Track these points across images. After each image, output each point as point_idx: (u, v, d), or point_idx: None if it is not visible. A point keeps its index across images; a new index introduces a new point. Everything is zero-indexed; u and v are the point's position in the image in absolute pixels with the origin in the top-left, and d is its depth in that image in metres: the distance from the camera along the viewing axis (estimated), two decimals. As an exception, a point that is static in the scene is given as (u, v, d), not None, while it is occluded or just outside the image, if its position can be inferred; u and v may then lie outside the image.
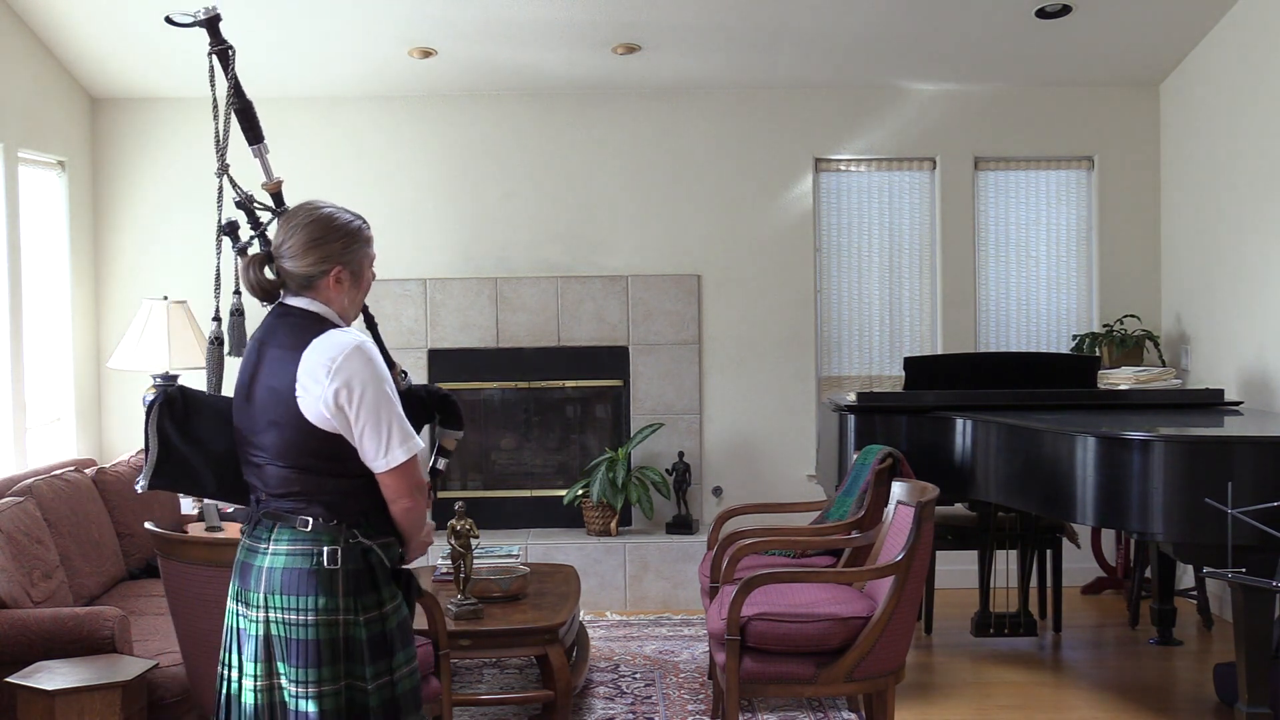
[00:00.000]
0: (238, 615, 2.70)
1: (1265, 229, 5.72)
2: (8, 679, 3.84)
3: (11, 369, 5.67)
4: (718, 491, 6.85)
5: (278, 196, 3.13)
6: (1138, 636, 5.93)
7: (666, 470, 6.67)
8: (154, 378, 6.33)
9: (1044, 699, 5.06)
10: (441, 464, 3.08)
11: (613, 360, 6.80)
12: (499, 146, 6.82)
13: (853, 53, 6.45)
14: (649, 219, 6.86)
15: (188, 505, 6.10)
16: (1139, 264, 6.89)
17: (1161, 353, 6.68)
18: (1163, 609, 5.73)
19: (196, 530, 5.29)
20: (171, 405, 2.78)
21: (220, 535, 5.09)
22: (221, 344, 3.03)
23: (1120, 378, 6.11)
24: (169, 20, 3.13)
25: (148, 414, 2.76)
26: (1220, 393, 5.58)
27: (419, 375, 6.68)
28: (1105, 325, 6.73)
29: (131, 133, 6.73)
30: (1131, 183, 6.90)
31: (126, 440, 6.66)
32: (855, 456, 5.12)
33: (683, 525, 6.59)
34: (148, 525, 3.89)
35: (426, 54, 6.29)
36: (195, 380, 6.55)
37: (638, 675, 5.33)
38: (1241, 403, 5.65)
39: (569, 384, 6.81)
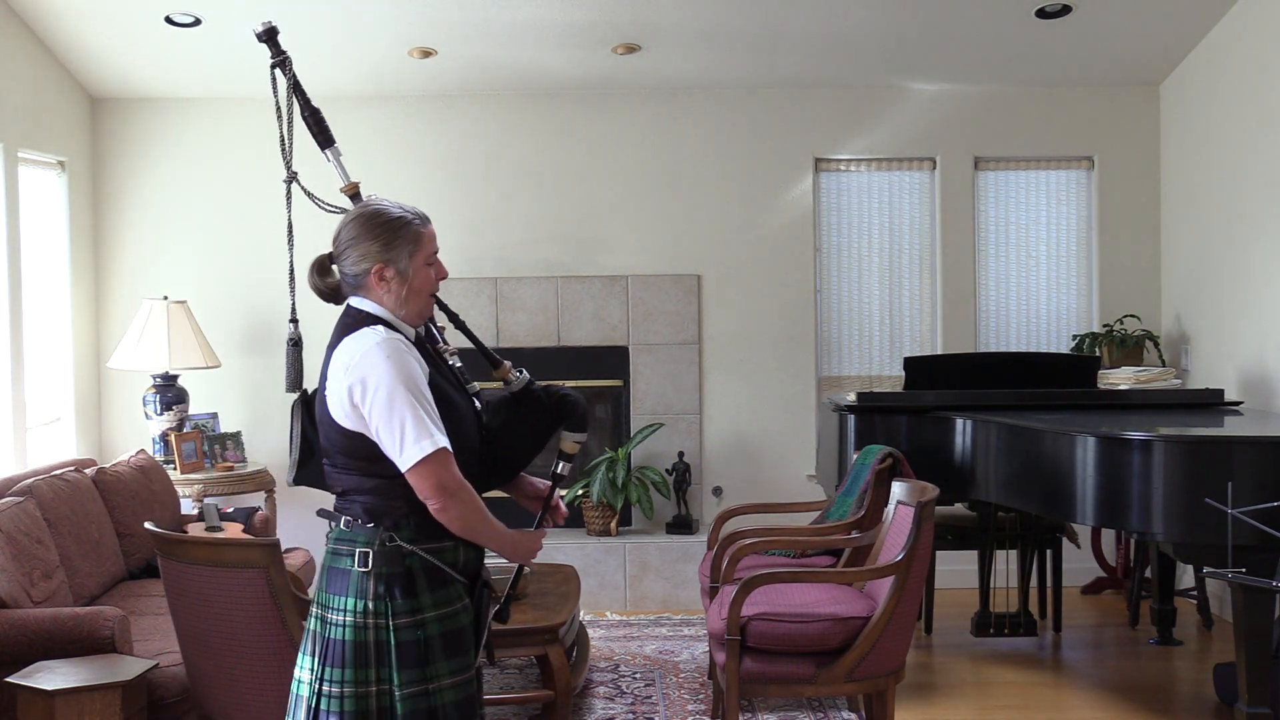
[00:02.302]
0: None
1: (1265, 229, 5.72)
2: (8, 679, 3.83)
3: (11, 369, 5.67)
4: (718, 491, 6.85)
5: (355, 198, 3.09)
6: (1138, 636, 5.93)
7: (666, 470, 6.67)
8: (153, 378, 6.33)
9: (1044, 699, 5.06)
10: (562, 468, 2.91)
11: (613, 360, 6.80)
12: (499, 146, 6.82)
13: (853, 53, 6.45)
14: (649, 219, 6.86)
15: (188, 505, 6.11)
16: (1139, 264, 6.89)
17: (1161, 353, 6.68)
18: (1163, 609, 5.73)
19: (196, 530, 5.29)
20: (308, 405, 2.77)
21: (220, 535, 5.10)
22: (299, 345, 3.00)
23: (1120, 378, 6.11)
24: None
25: (292, 413, 2.80)
26: (1220, 393, 5.58)
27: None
28: (1105, 325, 6.73)
29: (131, 133, 6.73)
30: (1131, 183, 6.90)
31: (126, 440, 6.66)
32: (855, 456, 5.12)
33: (683, 525, 6.59)
34: (148, 525, 3.89)
35: (426, 54, 6.29)
36: (192, 381, 6.56)
37: (638, 675, 5.33)
38: (1241, 403, 5.65)
39: (569, 384, 6.79)
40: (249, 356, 6.75)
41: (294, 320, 3.09)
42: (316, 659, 2.61)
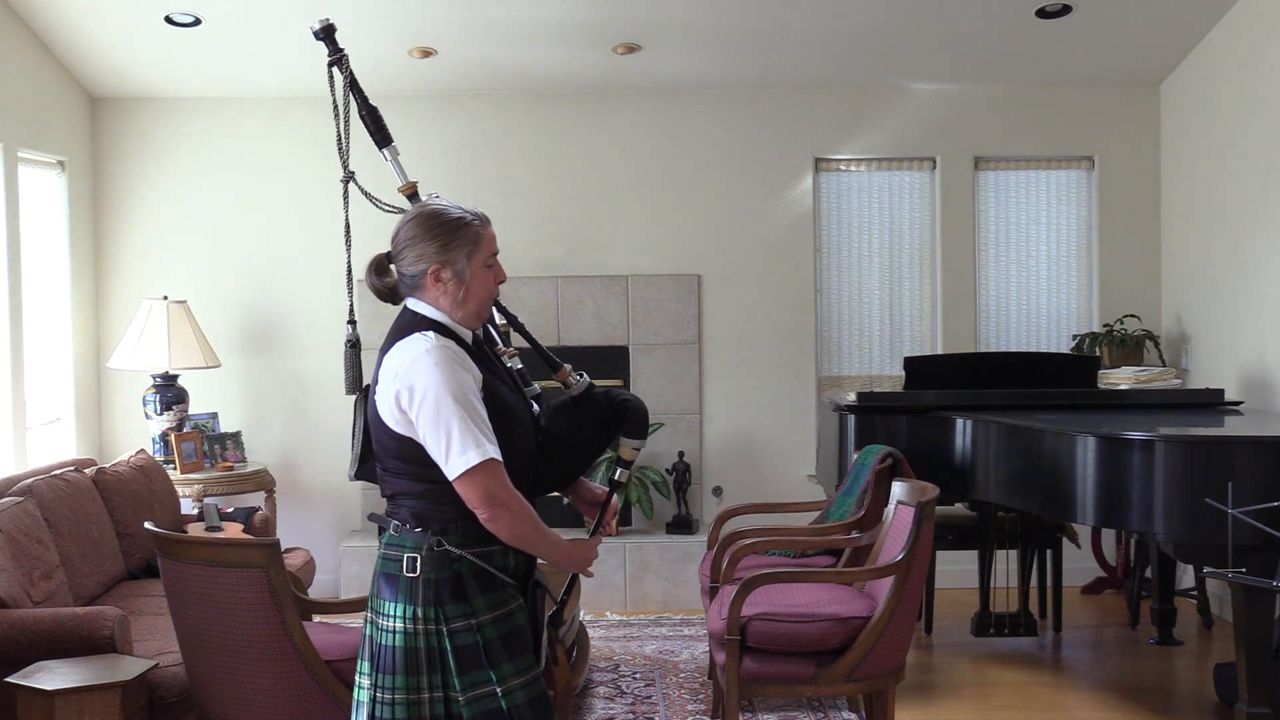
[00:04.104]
0: None
1: (1265, 229, 5.72)
2: (8, 679, 3.83)
3: (11, 369, 5.67)
4: (718, 491, 6.85)
5: (414, 198, 3.05)
6: (1138, 636, 5.93)
7: (666, 470, 6.67)
8: (153, 378, 6.33)
9: (1044, 699, 5.06)
10: (620, 475, 2.85)
11: (613, 360, 6.80)
12: (499, 146, 6.82)
13: (853, 53, 6.45)
14: (649, 219, 6.86)
15: (188, 505, 6.11)
16: (1139, 264, 6.89)
17: (1161, 353, 6.68)
18: (1163, 609, 5.73)
19: (196, 530, 5.29)
20: (369, 400, 2.73)
21: (220, 535, 5.10)
22: (357, 346, 2.97)
23: (1120, 378, 6.11)
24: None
25: (355, 408, 2.78)
26: (1220, 393, 5.58)
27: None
28: (1105, 325, 6.73)
29: (131, 133, 6.73)
30: (1131, 183, 6.90)
31: (126, 440, 6.66)
32: (855, 456, 5.12)
33: (683, 525, 6.59)
34: (148, 525, 3.88)
35: (426, 54, 6.29)
36: (192, 381, 6.56)
37: (638, 675, 5.33)
38: (1241, 403, 5.65)
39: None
40: (249, 356, 6.75)
41: (352, 321, 3.03)
42: (371, 665, 2.59)
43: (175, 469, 6.14)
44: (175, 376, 6.36)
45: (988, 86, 6.84)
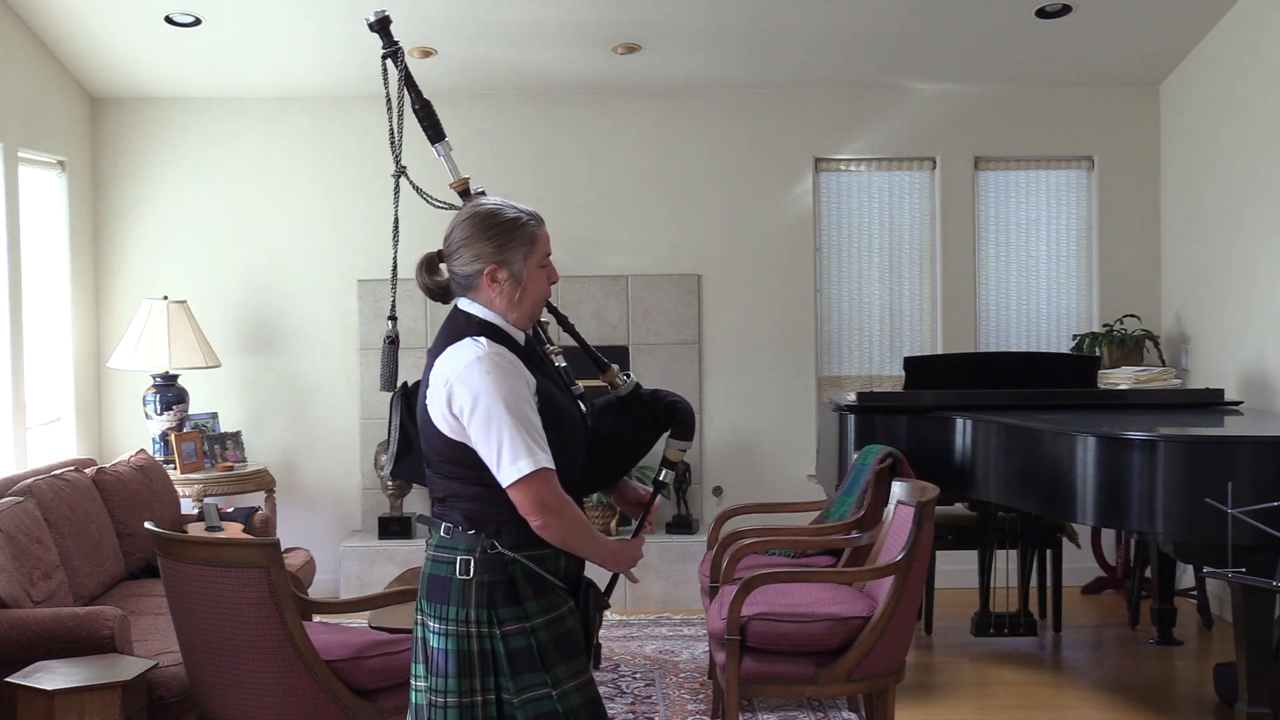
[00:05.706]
0: None
1: (1265, 229, 5.72)
2: (8, 679, 3.83)
3: (11, 369, 5.67)
4: (718, 491, 6.85)
5: (465, 194, 3.06)
6: (1138, 636, 5.93)
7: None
8: (153, 378, 6.33)
9: (1044, 699, 5.07)
10: (665, 475, 2.84)
11: (612, 360, 6.76)
12: (499, 146, 6.82)
13: (853, 53, 6.45)
14: (649, 219, 6.86)
15: (188, 505, 6.11)
16: (1139, 264, 6.89)
17: (1161, 353, 6.68)
18: (1163, 609, 5.73)
19: (196, 530, 5.29)
20: (408, 398, 2.74)
21: (220, 535, 5.10)
22: (396, 343, 2.95)
23: (1120, 378, 6.11)
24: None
25: (390, 406, 2.78)
26: (1220, 393, 5.58)
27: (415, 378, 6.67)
28: (1105, 325, 6.73)
29: (131, 133, 6.73)
30: (1131, 183, 6.89)
31: (126, 440, 6.66)
32: (855, 456, 5.12)
33: (683, 525, 6.59)
34: (148, 525, 3.88)
35: (426, 54, 6.29)
36: (192, 381, 6.56)
37: (638, 675, 5.33)
38: (1241, 403, 5.65)
39: (569, 384, 6.79)
40: (249, 356, 6.75)
41: (393, 318, 3.03)
42: (426, 668, 2.59)
43: (175, 469, 6.14)
44: (175, 376, 6.36)
45: (988, 86, 6.84)
